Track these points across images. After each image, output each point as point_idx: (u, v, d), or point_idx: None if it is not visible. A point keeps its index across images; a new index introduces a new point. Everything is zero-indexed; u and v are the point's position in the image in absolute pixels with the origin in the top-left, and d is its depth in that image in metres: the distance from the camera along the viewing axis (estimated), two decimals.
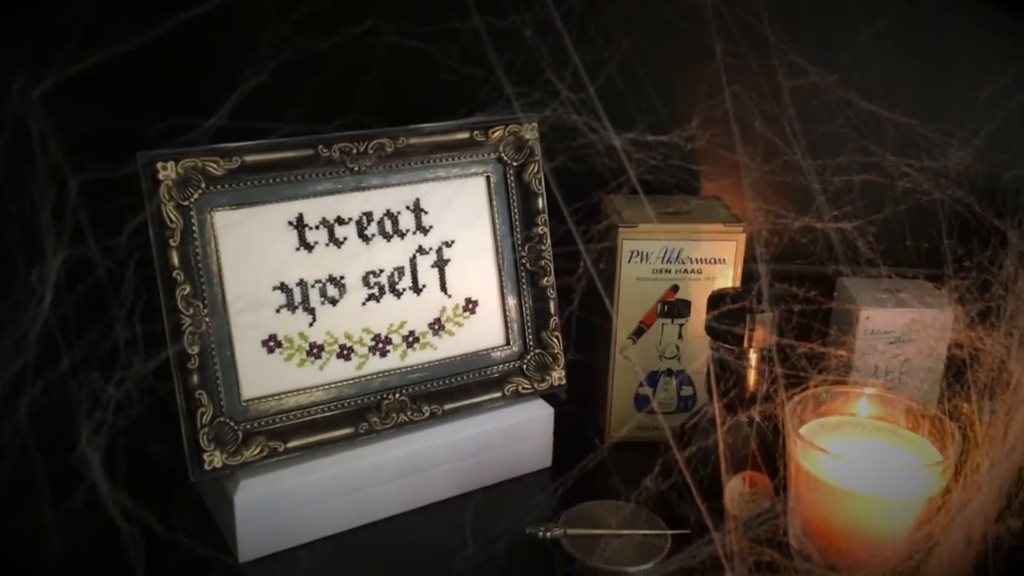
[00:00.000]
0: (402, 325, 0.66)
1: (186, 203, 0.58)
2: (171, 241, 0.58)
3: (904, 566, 0.49)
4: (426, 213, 0.66)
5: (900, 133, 0.56)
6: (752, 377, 0.62)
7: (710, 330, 0.62)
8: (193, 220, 0.59)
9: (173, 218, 0.58)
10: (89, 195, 0.41)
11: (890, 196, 0.57)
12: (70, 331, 0.41)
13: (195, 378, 0.59)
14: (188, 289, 0.59)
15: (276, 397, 0.62)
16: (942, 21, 0.64)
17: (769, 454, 0.61)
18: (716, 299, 0.62)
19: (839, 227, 0.53)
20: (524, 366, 0.69)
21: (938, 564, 0.46)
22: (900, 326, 0.68)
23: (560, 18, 0.45)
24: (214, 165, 0.59)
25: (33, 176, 0.36)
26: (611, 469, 0.59)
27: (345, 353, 0.64)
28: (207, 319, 0.59)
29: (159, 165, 0.57)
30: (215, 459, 0.59)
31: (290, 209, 0.62)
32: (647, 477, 0.51)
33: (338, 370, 0.64)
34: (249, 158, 0.60)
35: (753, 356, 0.62)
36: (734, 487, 0.62)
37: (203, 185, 0.59)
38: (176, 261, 0.58)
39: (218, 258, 0.60)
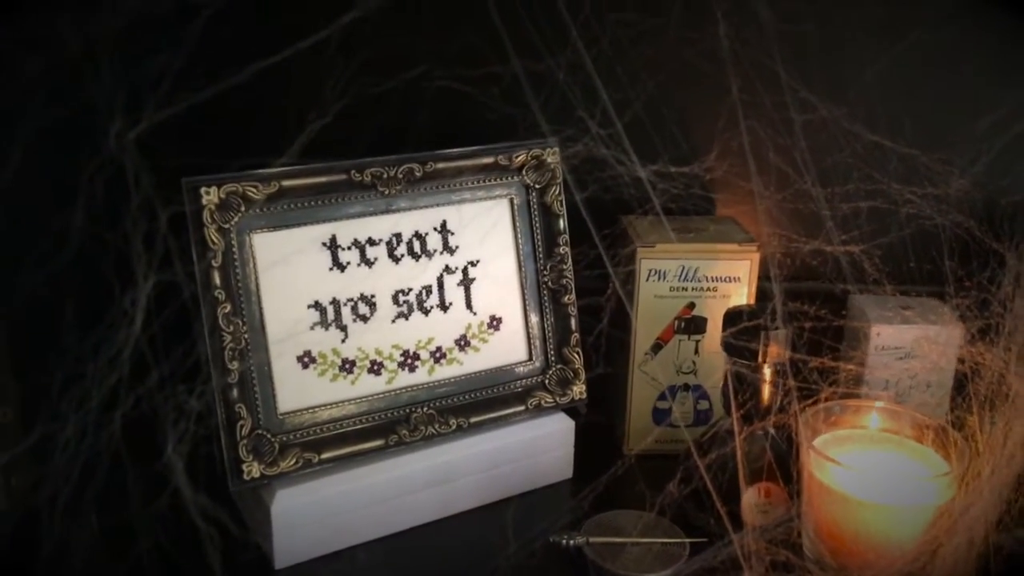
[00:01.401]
0: (430, 341, 0.72)
1: (227, 226, 0.64)
2: (213, 262, 0.64)
3: (910, 568, 0.55)
4: (452, 234, 0.72)
5: (903, 162, 0.63)
6: (767, 391, 0.69)
7: (726, 346, 0.68)
8: (233, 242, 0.65)
9: (215, 240, 0.64)
10: (176, 225, 0.47)
11: (895, 221, 0.64)
12: (158, 349, 0.47)
13: (235, 392, 0.64)
14: (229, 307, 0.64)
15: (310, 410, 0.68)
16: (940, 59, 0.71)
17: (784, 465, 0.67)
18: (732, 316, 0.68)
19: (847, 250, 0.59)
20: (546, 381, 0.75)
21: (942, 566, 0.52)
22: (909, 342, 0.74)
23: (591, 61, 0.52)
24: (253, 190, 0.65)
25: (127, 209, 0.42)
26: (636, 477, 0.64)
27: (376, 368, 0.70)
28: (246, 336, 0.65)
29: (203, 190, 0.63)
30: (253, 469, 0.65)
31: (324, 231, 0.67)
32: (670, 483, 0.57)
33: (369, 384, 0.70)
34: (286, 183, 0.65)
35: (768, 371, 0.68)
36: (750, 497, 0.68)
37: (243, 208, 0.64)
38: (218, 281, 0.64)
39: (256, 278, 0.65)
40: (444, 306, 0.72)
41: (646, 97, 0.62)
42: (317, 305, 0.68)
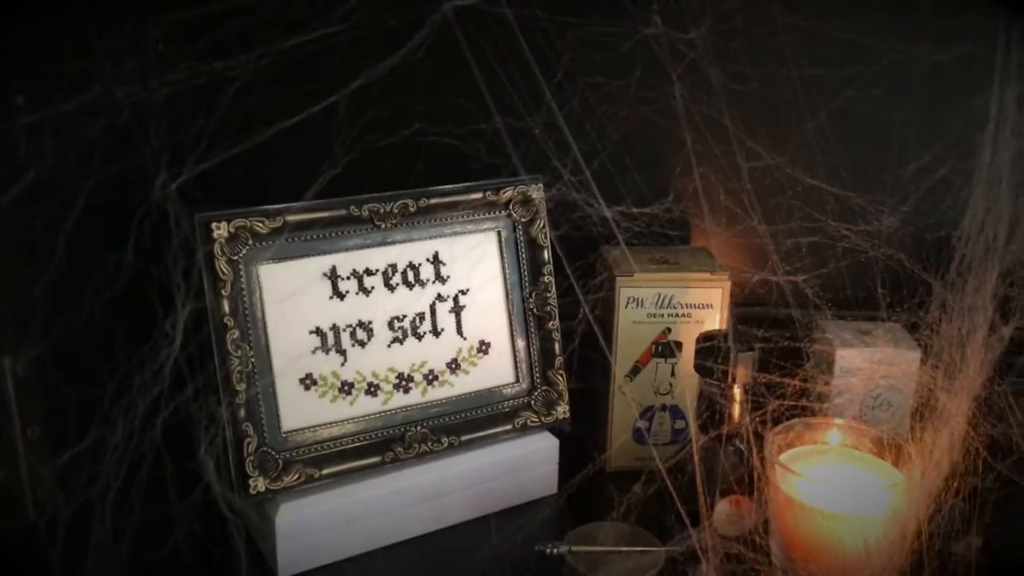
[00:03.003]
0: (423, 364, 0.81)
1: (236, 257, 0.73)
2: (223, 291, 0.72)
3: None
4: (444, 264, 0.81)
5: (839, 203, 0.75)
6: (736, 410, 0.79)
7: (698, 368, 0.79)
8: (241, 272, 0.73)
9: (225, 271, 0.73)
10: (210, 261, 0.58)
11: (832, 254, 0.75)
12: (193, 365, 0.57)
13: (242, 412, 0.73)
14: (237, 333, 0.74)
15: (312, 429, 0.77)
16: (871, 113, 0.82)
17: (752, 478, 0.77)
18: (702, 340, 0.79)
19: (790, 279, 0.70)
20: (532, 401, 0.85)
21: (877, 558, 0.62)
22: (872, 364, 0.85)
23: (563, 118, 0.64)
24: (260, 224, 0.74)
25: (169, 247, 0.53)
26: (616, 492, 0.75)
27: (372, 390, 0.79)
28: (252, 359, 0.74)
29: (213, 224, 0.72)
30: (259, 484, 0.74)
31: (324, 262, 0.77)
32: (636, 484, 0.67)
33: (366, 405, 0.79)
34: (290, 218, 0.75)
35: (737, 391, 0.78)
36: (722, 509, 0.78)
37: (250, 241, 0.73)
38: (227, 309, 0.72)
39: (262, 306, 0.74)
40: (436, 332, 0.82)
41: (611, 148, 0.74)
42: (318, 331, 0.77)
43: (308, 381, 0.77)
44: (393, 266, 0.80)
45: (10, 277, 0.56)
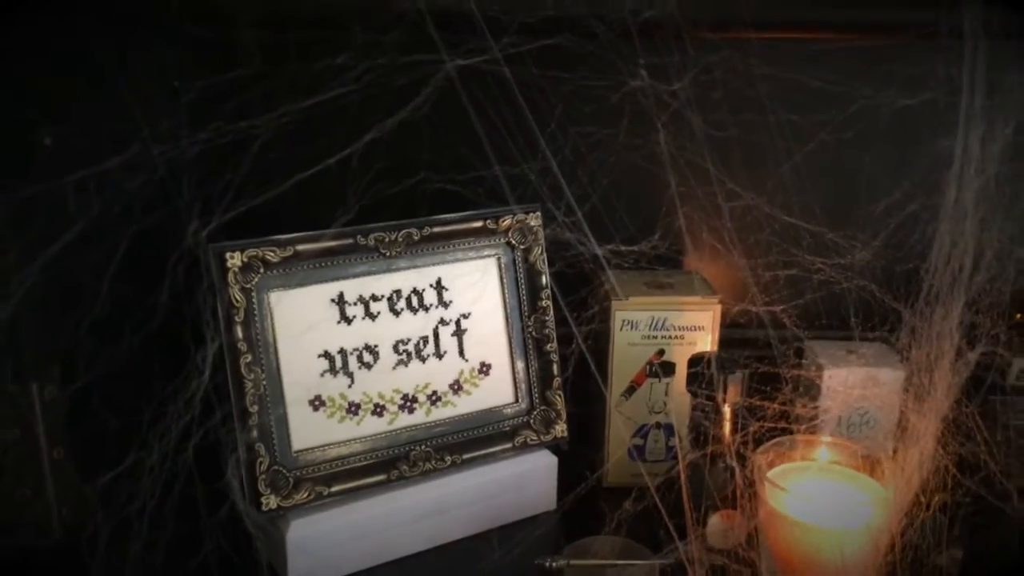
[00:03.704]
0: (427, 386, 0.88)
1: (248, 286, 0.80)
2: (236, 318, 0.79)
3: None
4: (447, 290, 0.88)
5: (814, 238, 0.83)
6: (726, 428, 0.87)
7: (689, 389, 0.86)
8: (254, 299, 0.80)
9: (238, 298, 0.80)
10: None
11: (808, 285, 0.84)
12: (221, 394, 0.66)
13: (254, 432, 0.79)
14: (250, 358, 0.80)
15: (321, 448, 0.83)
16: (843, 155, 0.91)
17: (743, 494, 0.85)
18: (694, 361, 0.87)
19: (769, 310, 0.78)
20: (531, 421, 0.92)
21: (852, 569, 0.70)
22: (858, 383, 0.93)
23: (556, 165, 0.72)
24: (271, 254, 0.81)
25: (199, 289, 0.61)
26: (613, 507, 0.82)
27: (378, 410, 0.86)
28: (264, 382, 0.80)
29: (227, 255, 0.79)
30: (271, 501, 0.80)
31: (332, 289, 0.84)
32: (627, 501, 0.75)
33: (373, 425, 0.86)
34: (300, 247, 0.81)
35: (727, 408, 0.86)
36: (714, 523, 0.85)
37: (262, 270, 0.80)
38: (240, 334, 0.79)
39: (273, 331, 0.81)
40: (439, 354, 0.89)
41: (601, 192, 0.83)
42: (326, 354, 0.84)
43: (317, 402, 0.84)
44: (398, 292, 0.87)
45: (58, 316, 0.65)
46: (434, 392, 0.89)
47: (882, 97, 0.84)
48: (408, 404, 0.88)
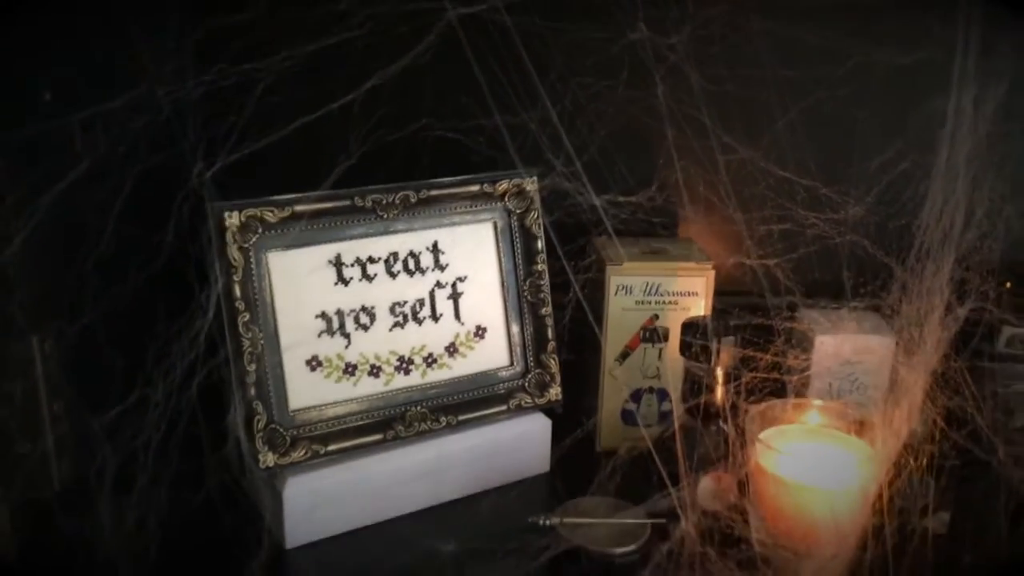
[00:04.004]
0: (423, 348, 0.90)
1: (246, 245, 0.81)
2: (234, 277, 0.80)
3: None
4: (443, 253, 0.90)
5: (808, 193, 0.86)
6: (719, 391, 0.89)
7: (683, 352, 0.89)
8: (252, 259, 0.81)
9: (236, 257, 0.81)
10: None
11: (802, 240, 0.86)
12: (224, 333, 0.68)
13: (252, 391, 0.80)
14: (247, 317, 0.81)
15: (318, 408, 0.85)
16: (838, 112, 0.93)
17: (735, 455, 0.87)
18: (687, 326, 0.89)
19: (763, 263, 0.81)
20: (526, 384, 0.94)
21: (842, 525, 0.72)
22: (850, 350, 0.95)
23: (556, 115, 0.75)
24: (270, 214, 0.82)
25: (204, 229, 0.63)
26: (605, 469, 0.84)
27: (375, 372, 0.88)
28: (262, 342, 0.82)
29: (226, 214, 0.80)
30: (268, 459, 0.82)
31: (330, 250, 0.85)
32: (621, 447, 0.77)
33: (369, 386, 0.87)
34: (298, 208, 0.83)
35: (720, 373, 0.88)
36: (704, 485, 0.87)
37: (260, 230, 0.81)
38: (238, 293, 0.80)
39: (271, 291, 0.82)
40: (435, 317, 0.91)
41: (600, 143, 0.86)
42: (324, 315, 0.85)
43: (314, 362, 0.85)
44: (395, 254, 0.89)
45: (61, 257, 0.67)
46: (430, 354, 0.91)
47: (878, 55, 0.86)
48: (404, 366, 0.90)
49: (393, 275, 0.89)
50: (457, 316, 0.92)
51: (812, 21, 0.90)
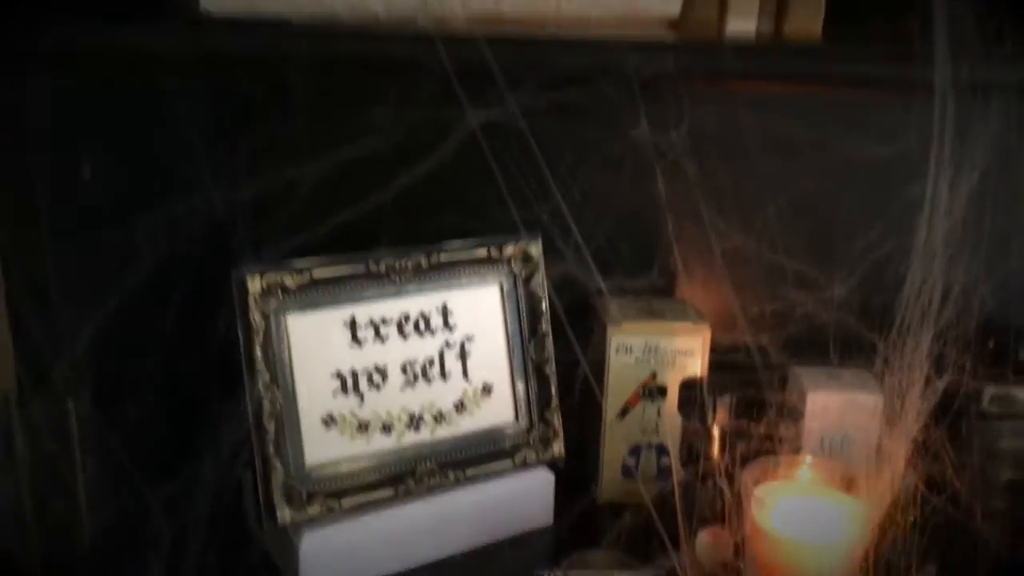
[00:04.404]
0: (432, 405, 0.95)
1: (267, 309, 0.86)
2: (255, 339, 0.86)
3: None
4: (452, 314, 0.96)
5: (797, 276, 0.94)
6: (715, 448, 0.94)
7: (681, 411, 0.94)
8: (271, 322, 0.87)
9: (257, 320, 0.88)
10: None
11: (792, 319, 0.93)
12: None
13: (271, 448, 0.86)
14: (267, 377, 0.87)
15: (333, 464, 0.89)
16: (824, 200, 1.01)
17: (730, 511, 0.92)
18: (685, 386, 0.95)
19: (756, 341, 0.87)
20: (530, 440, 0.99)
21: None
22: (840, 407, 1.00)
23: (566, 207, 0.81)
24: (289, 279, 0.88)
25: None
26: (607, 522, 0.90)
27: (387, 428, 0.93)
28: (280, 401, 0.87)
29: (247, 278, 0.86)
30: (285, 515, 0.87)
31: (345, 312, 0.90)
32: (625, 511, 0.83)
33: (381, 442, 0.92)
34: (316, 273, 0.88)
35: (716, 431, 0.94)
36: (702, 540, 0.93)
37: (280, 295, 0.87)
38: (259, 354, 0.86)
39: (289, 352, 0.88)
40: (444, 375, 0.96)
41: (605, 235, 0.93)
42: (338, 375, 0.90)
43: (329, 420, 0.90)
44: (406, 316, 0.94)
45: (127, 342, 0.72)
46: (439, 411, 0.96)
47: (861, 146, 0.93)
48: (415, 423, 0.95)
49: (404, 335, 0.94)
50: (465, 374, 0.97)
51: (800, 117, 0.97)
